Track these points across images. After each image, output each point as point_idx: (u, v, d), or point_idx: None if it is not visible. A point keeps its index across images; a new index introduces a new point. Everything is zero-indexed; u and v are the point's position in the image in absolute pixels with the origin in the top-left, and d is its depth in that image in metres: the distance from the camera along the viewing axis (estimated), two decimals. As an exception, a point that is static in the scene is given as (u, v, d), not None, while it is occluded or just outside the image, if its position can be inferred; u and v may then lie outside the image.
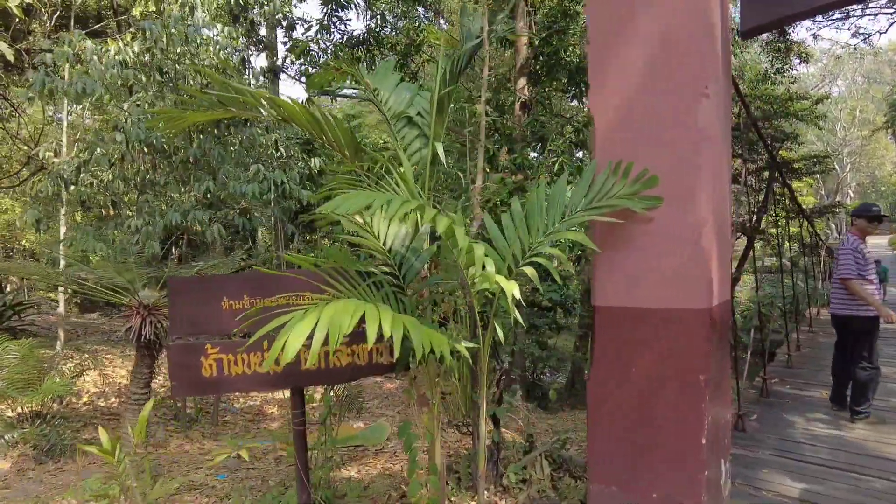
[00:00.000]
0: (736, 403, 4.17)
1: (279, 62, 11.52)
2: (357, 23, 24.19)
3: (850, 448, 3.76)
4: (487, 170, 8.61)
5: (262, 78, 8.79)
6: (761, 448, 3.69)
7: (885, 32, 21.27)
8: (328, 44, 10.77)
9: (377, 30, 10.12)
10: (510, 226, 2.44)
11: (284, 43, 11.33)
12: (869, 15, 18.44)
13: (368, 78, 2.86)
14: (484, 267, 2.05)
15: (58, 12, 9.58)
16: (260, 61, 27.98)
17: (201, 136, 6.00)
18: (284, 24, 10.99)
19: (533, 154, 9.76)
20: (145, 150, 5.88)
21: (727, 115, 2.63)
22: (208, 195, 5.51)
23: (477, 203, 2.87)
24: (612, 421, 2.46)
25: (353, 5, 10.16)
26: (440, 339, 1.99)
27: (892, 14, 17.42)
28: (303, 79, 10.97)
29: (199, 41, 5.77)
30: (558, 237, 2.29)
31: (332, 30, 10.77)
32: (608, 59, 2.52)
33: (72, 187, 5.69)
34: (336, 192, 2.03)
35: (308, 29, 10.85)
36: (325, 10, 10.49)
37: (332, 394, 4.00)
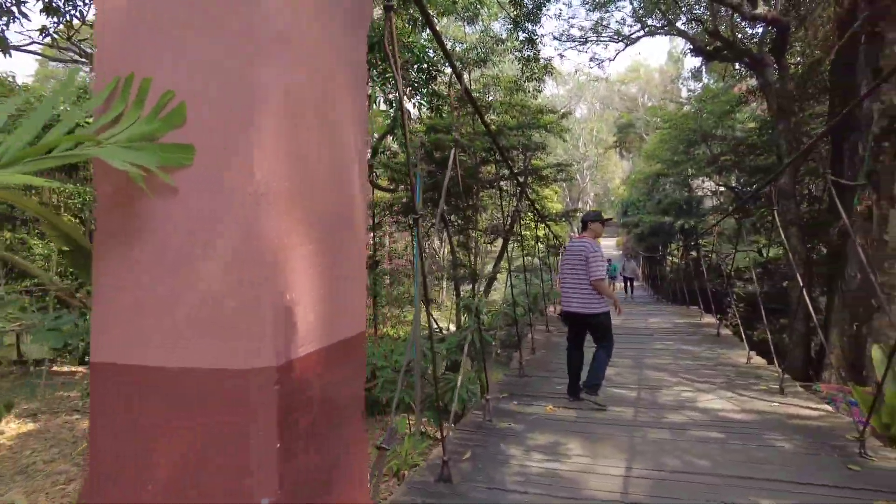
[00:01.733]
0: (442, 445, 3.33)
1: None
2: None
3: (563, 488, 3.14)
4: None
5: None
6: (461, 510, 2.85)
7: (613, 60, 24.52)
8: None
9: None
10: None
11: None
12: (602, 43, 20.99)
13: None
14: None
15: None
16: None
17: None
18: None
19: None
20: None
21: (352, 21, 1.59)
22: None
23: None
24: None
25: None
26: None
27: (617, 44, 19.98)
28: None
29: None
30: None
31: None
32: None
33: None
34: None
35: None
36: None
37: None
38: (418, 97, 12.83)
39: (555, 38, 21.76)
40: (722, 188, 22.31)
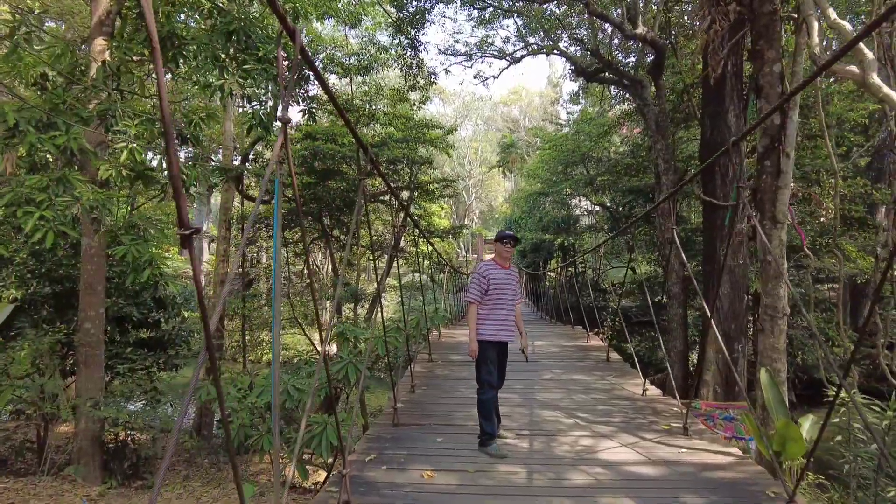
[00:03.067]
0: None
1: None
2: None
3: None
4: None
5: None
6: None
7: (497, 77, 24.63)
8: None
9: None
10: None
11: None
12: (487, 59, 20.91)
13: None
14: None
15: None
16: None
17: None
18: None
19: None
20: None
21: None
22: None
23: None
24: None
25: None
26: None
27: (501, 61, 19.99)
28: None
29: None
30: None
31: None
32: None
33: None
34: None
35: None
36: None
37: None
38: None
39: (441, 51, 21.42)
40: (598, 207, 23.07)
